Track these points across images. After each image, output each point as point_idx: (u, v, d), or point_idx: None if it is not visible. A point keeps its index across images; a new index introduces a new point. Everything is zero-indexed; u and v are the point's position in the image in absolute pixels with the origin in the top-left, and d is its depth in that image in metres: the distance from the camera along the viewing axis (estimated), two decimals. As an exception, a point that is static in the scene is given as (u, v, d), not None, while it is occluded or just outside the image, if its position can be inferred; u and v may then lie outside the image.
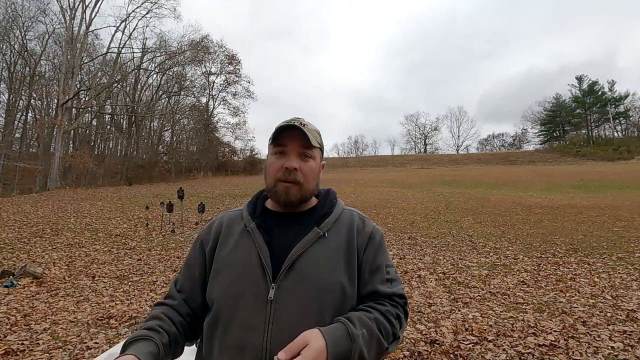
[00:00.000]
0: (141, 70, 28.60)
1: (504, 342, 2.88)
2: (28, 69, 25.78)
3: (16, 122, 26.54)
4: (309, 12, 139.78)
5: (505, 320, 3.32)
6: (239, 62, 33.78)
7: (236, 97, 34.84)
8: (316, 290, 0.80)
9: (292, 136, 0.88)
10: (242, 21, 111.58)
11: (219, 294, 0.84)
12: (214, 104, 34.73)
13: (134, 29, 27.99)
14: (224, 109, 38.51)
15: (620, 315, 3.32)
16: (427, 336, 3.03)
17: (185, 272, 0.95)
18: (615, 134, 48.73)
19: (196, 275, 0.92)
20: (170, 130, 33.10)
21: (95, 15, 23.99)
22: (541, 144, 54.19)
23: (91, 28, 24.12)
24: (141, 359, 0.70)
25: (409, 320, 3.37)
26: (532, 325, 3.18)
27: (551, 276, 4.73)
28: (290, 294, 0.79)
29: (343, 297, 0.82)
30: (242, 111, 35.81)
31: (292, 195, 0.87)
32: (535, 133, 56.84)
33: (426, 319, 3.43)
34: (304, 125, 0.89)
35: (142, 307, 4.02)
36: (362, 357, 0.73)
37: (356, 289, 0.85)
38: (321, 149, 0.96)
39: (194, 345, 0.94)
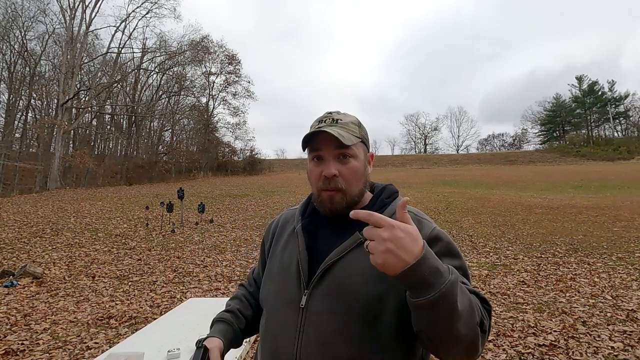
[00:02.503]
0: (141, 70, 28.63)
1: (504, 342, 2.87)
2: (28, 69, 25.79)
3: (16, 122, 26.57)
4: (315, 14, 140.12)
5: (505, 320, 3.32)
6: (239, 62, 33.85)
7: (236, 97, 34.90)
8: (348, 301, 0.72)
9: (325, 138, 0.78)
10: (248, 23, 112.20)
11: (264, 297, 0.87)
12: (214, 104, 34.78)
13: (134, 29, 28.10)
14: (224, 109, 38.57)
15: (620, 315, 3.32)
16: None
17: (258, 266, 1.01)
18: (615, 134, 48.77)
19: (262, 271, 0.96)
20: (170, 130, 33.15)
21: (95, 15, 24.05)
22: (541, 144, 54.25)
23: (91, 28, 24.17)
24: (224, 344, 0.81)
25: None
26: (532, 325, 3.18)
27: (551, 276, 4.73)
28: (321, 302, 0.74)
29: (383, 310, 0.71)
30: (242, 111, 35.90)
31: (337, 203, 0.79)
32: (535, 133, 56.94)
33: (426, 319, 3.43)
34: (337, 122, 0.80)
35: (142, 307, 4.02)
36: (453, 293, 0.56)
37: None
38: (363, 141, 0.83)
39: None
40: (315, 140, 0.79)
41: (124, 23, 25.82)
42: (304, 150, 0.83)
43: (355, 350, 0.70)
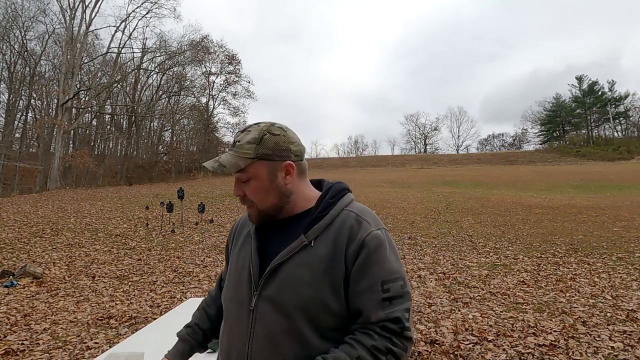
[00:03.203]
0: (141, 70, 28.64)
1: (504, 342, 2.88)
2: (28, 69, 25.80)
3: (16, 122, 26.58)
4: (316, 15, 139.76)
5: (505, 320, 3.32)
6: (239, 62, 33.79)
7: (236, 97, 34.84)
8: (294, 304, 0.74)
9: None
10: (249, 24, 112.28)
11: (223, 299, 0.90)
12: (214, 104, 34.76)
13: (134, 29, 28.01)
14: (224, 109, 38.49)
15: (620, 315, 3.32)
16: (427, 336, 3.03)
17: (225, 266, 1.04)
18: (615, 134, 48.78)
19: (226, 270, 1.00)
20: (170, 130, 33.16)
21: (95, 15, 24.06)
22: (541, 144, 54.24)
23: (91, 28, 24.19)
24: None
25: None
26: (532, 325, 3.18)
27: (551, 276, 4.73)
28: (269, 304, 0.77)
29: (327, 314, 0.75)
30: (242, 111, 35.78)
31: (253, 216, 0.85)
32: (535, 133, 56.92)
33: (426, 319, 3.43)
34: (235, 144, 0.81)
35: (142, 307, 4.02)
36: None
37: (344, 304, 0.76)
38: (264, 158, 0.80)
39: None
40: None
41: (124, 23, 25.87)
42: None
43: (301, 348, 0.74)
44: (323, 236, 0.78)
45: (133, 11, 25.69)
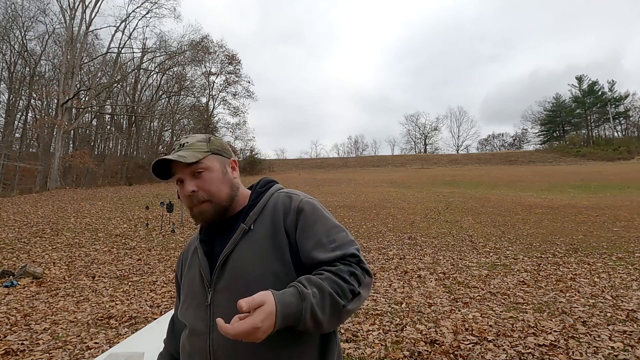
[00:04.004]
0: (141, 70, 28.62)
1: (504, 342, 2.87)
2: (28, 69, 25.81)
3: (16, 122, 26.59)
4: (317, 16, 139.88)
5: (505, 320, 3.32)
6: (239, 62, 33.82)
7: (236, 97, 34.89)
8: (247, 285, 0.77)
9: (175, 163, 0.85)
10: (252, 25, 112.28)
11: (179, 313, 0.91)
12: (214, 104, 34.77)
13: (134, 29, 28.12)
14: (224, 109, 38.53)
15: (620, 315, 3.32)
16: (427, 336, 3.03)
17: (176, 302, 1.02)
18: (615, 134, 48.81)
19: (178, 303, 0.98)
20: (170, 130, 33.13)
21: (95, 15, 24.03)
22: (541, 144, 54.25)
23: (91, 28, 24.15)
24: None
25: (408, 320, 3.37)
26: (532, 325, 3.18)
27: (551, 276, 4.73)
28: (224, 294, 0.80)
29: (280, 285, 0.76)
30: (242, 111, 35.85)
31: (207, 212, 0.85)
32: (535, 133, 56.94)
33: (426, 319, 3.43)
34: (183, 146, 0.87)
35: (142, 307, 4.02)
36: (314, 314, 0.68)
37: (295, 272, 0.80)
38: (216, 153, 0.89)
39: None
40: (172, 167, 0.87)
41: (124, 23, 25.86)
42: (163, 179, 0.91)
43: None
44: (260, 219, 0.86)
45: (133, 11, 25.73)
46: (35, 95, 27.06)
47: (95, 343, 3.11)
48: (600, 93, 49.83)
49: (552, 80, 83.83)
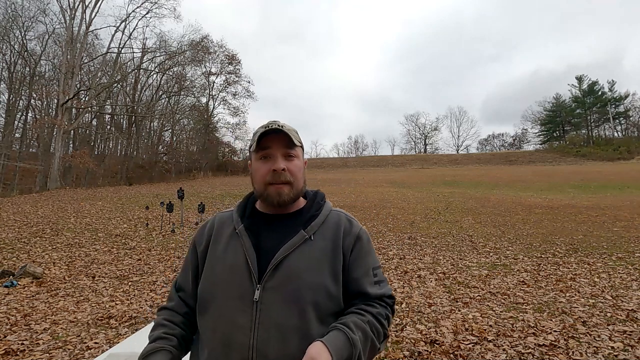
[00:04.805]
0: (141, 70, 28.62)
1: (504, 342, 2.87)
2: (28, 69, 25.79)
3: (16, 122, 26.57)
4: (318, 16, 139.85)
5: (505, 320, 3.32)
6: (239, 62, 33.83)
7: (236, 97, 34.90)
8: (300, 291, 0.81)
9: (273, 139, 0.89)
10: (253, 26, 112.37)
11: (209, 293, 0.88)
12: (214, 104, 34.79)
13: (134, 29, 28.16)
14: (224, 109, 38.54)
15: (620, 315, 3.32)
16: (427, 336, 3.03)
17: (183, 273, 0.99)
18: (615, 134, 48.79)
19: (191, 275, 0.96)
20: (170, 130, 33.14)
21: (95, 15, 24.03)
22: (541, 144, 54.24)
23: (91, 28, 24.15)
24: None
25: (408, 320, 3.37)
26: (532, 325, 3.18)
27: (551, 276, 4.73)
28: (274, 295, 0.81)
29: (327, 298, 0.84)
30: (242, 111, 35.89)
31: (285, 195, 0.88)
32: (535, 133, 56.92)
33: (426, 319, 3.43)
34: (283, 126, 0.89)
35: (142, 307, 4.02)
36: (359, 358, 0.77)
37: (341, 290, 0.87)
38: (302, 148, 0.96)
39: None
40: (264, 141, 0.89)
41: (124, 23, 25.84)
42: (252, 150, 0.92)
43: (305, 333, 0.79)
44: (320, 231, 0.89)
45: (133, 11, 25.72)
46: (35, 95, 27.06)
47: (95, 343, 3.11)
48: (600, 93, 49.82)
49: (552, 81, 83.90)
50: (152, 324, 0.98)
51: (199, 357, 0.88)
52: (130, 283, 5.01)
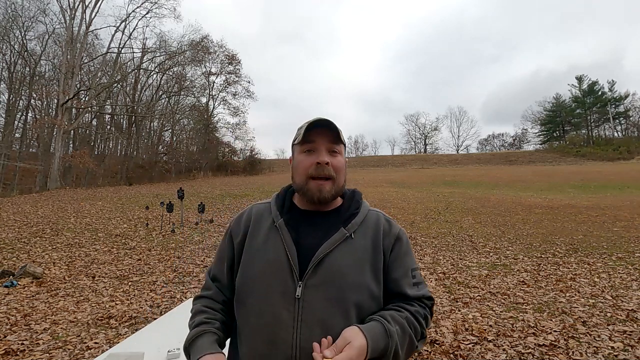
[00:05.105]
0: (141, 70, 28.62)
1: (504, 342, 2.87)
2: (28, 69, 25.79)
3: (16, 122, 26.57)
4: (318, 16, 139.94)
5: (505, 320, 3.32)
6: (239, 62, 33.87)
7: (236, 97, 34.94)
8: (342, 289, 0.80)
9: (320, 133, 0.88)
10: (254, 26, 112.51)
11: (249, 287, 0.86)
12: (214, 104, 34.80)
13: (134, 29, 28.12)
14: (224, 109, 38.58)
15: (620, 315, 3.32)
16: (427, 336, 3.03)
17: (218, 263, 0.98)
18: (615, 134, 48.77)
19: (227, 267, 0.95)
20: (170, 130, 33.15)
21: (95, 15, 24.03)
22: (541, 144, 54.23)
23: (91, 28, 24.14)
24: (223, 353, 0.81)
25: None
26: (532, 325, 3.18)
27: (551, 276, 4.73)
28: (316, 292, 0.80)
29: (369, 297, 0.83)
30: (242, 111, 35.94)
31: (326, 191, 0.87)
32: (535, 133, 56.90)
33: (426, 319, 3.43)
34: (331, 122, 0.89)
35: (142, 307, 4.02)
36: (396, 353, 0.76)
37: (382, 290, 0.86)
38: (345, 146, 0.95)
39: None
40: (310, 134, 0.88)
41: (124, 23, 25.85)
42: (297, 143, 0.91)
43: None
44: (361, 230, 0.88)
45: (133, 11, 25.73)
46: (35, 95, 27.06)
47: (95, 343, 3.11)
48: (600, 93, 49.80)
49: (553, 81, 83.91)
50: (154, 323, 0.98)
51: (238, 349, 0.87)
52: (130, 283, 5.01)
